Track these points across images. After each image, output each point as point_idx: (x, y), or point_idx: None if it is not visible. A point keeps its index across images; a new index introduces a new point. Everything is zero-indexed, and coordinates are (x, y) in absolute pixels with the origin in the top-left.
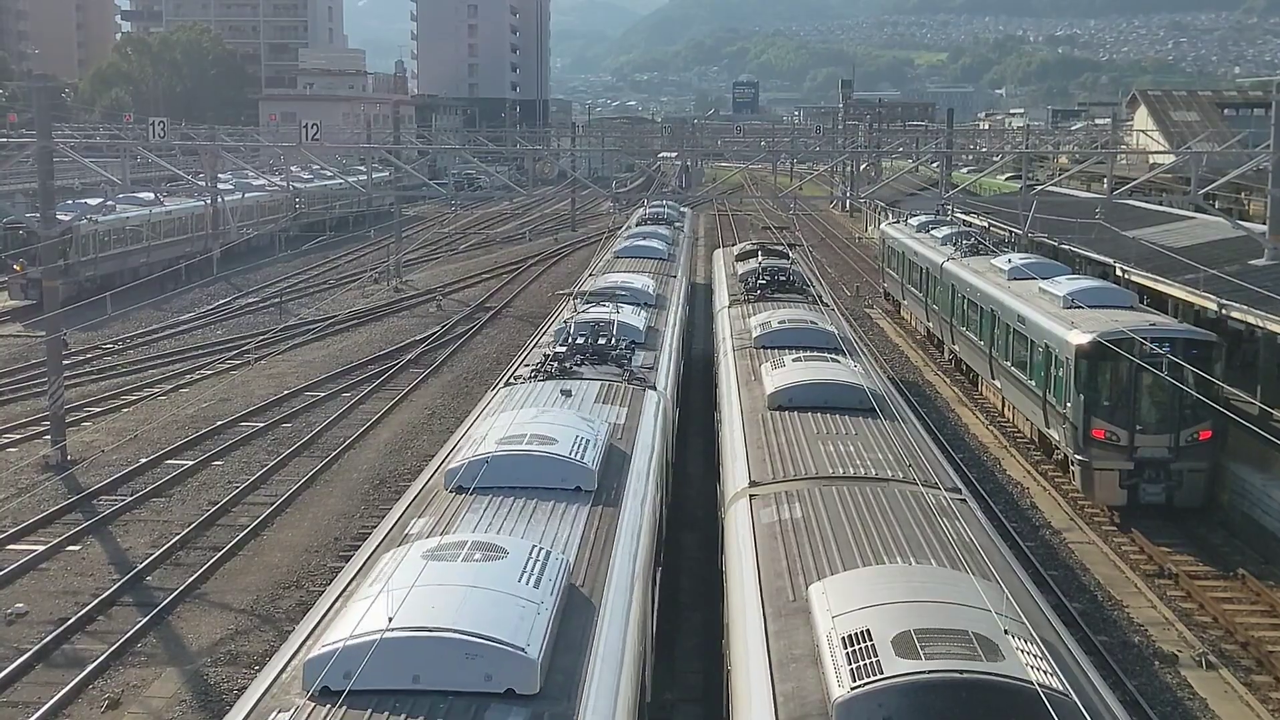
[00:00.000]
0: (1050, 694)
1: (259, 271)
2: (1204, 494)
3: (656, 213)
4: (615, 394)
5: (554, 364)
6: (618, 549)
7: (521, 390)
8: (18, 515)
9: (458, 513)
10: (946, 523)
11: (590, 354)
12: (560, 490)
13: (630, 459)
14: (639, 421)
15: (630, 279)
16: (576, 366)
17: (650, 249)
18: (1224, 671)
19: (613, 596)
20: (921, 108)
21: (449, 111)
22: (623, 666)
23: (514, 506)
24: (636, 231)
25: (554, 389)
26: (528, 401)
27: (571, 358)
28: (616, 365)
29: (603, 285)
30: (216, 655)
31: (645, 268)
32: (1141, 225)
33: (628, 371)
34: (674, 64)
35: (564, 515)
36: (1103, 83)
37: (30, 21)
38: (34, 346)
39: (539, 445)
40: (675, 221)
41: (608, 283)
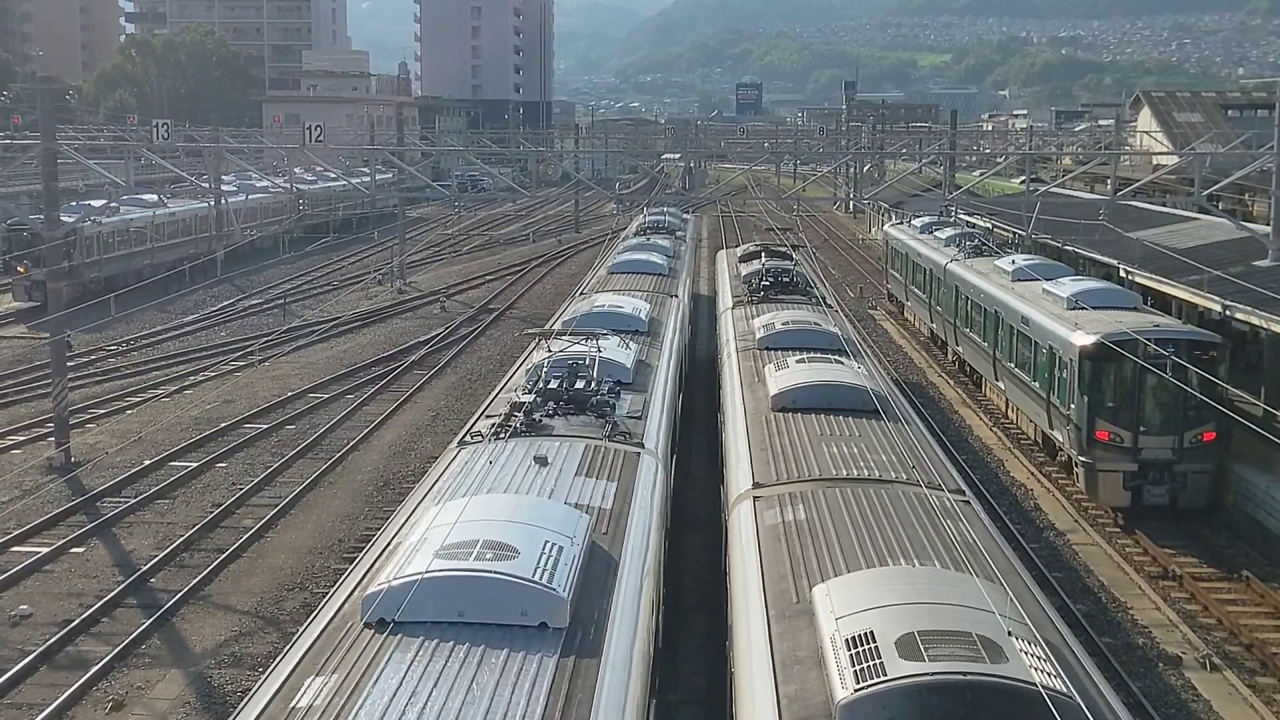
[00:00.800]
0: (1054, 696)
1: (263, 273)
2: (1208, 495)
3: (656, 221)
4: (595, 462)
5: (521, 417)
6: None
7: (480, 454)
8: (22, 517)
9: (374, 662)
10: (950, 524)
11: (565, 402)
12: (519, 629)
13: (615, 574)
14: (627, 505)
15: (620, 302)
16: (549, 418)
17: (648, 264)
18: (1228, 673)
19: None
20: (925, 109)
21: (452, 113)
22: None
23: (453, 654)
24: (634, 243)
25: (520, 454)
26: (482, 478)
27: (543, 407)
28: (597, 416)
29: (587, 311)
30: (220, 657)
31: (641, 286)
32: (1145, 226)
33: (610, 424)
34: (677, 65)
35: (521, 670)
36: (1106, 84)
37: (34, 23)
38: (38, 348)
39: (491, 560)
40: (677, 230)
41: (594, 307)
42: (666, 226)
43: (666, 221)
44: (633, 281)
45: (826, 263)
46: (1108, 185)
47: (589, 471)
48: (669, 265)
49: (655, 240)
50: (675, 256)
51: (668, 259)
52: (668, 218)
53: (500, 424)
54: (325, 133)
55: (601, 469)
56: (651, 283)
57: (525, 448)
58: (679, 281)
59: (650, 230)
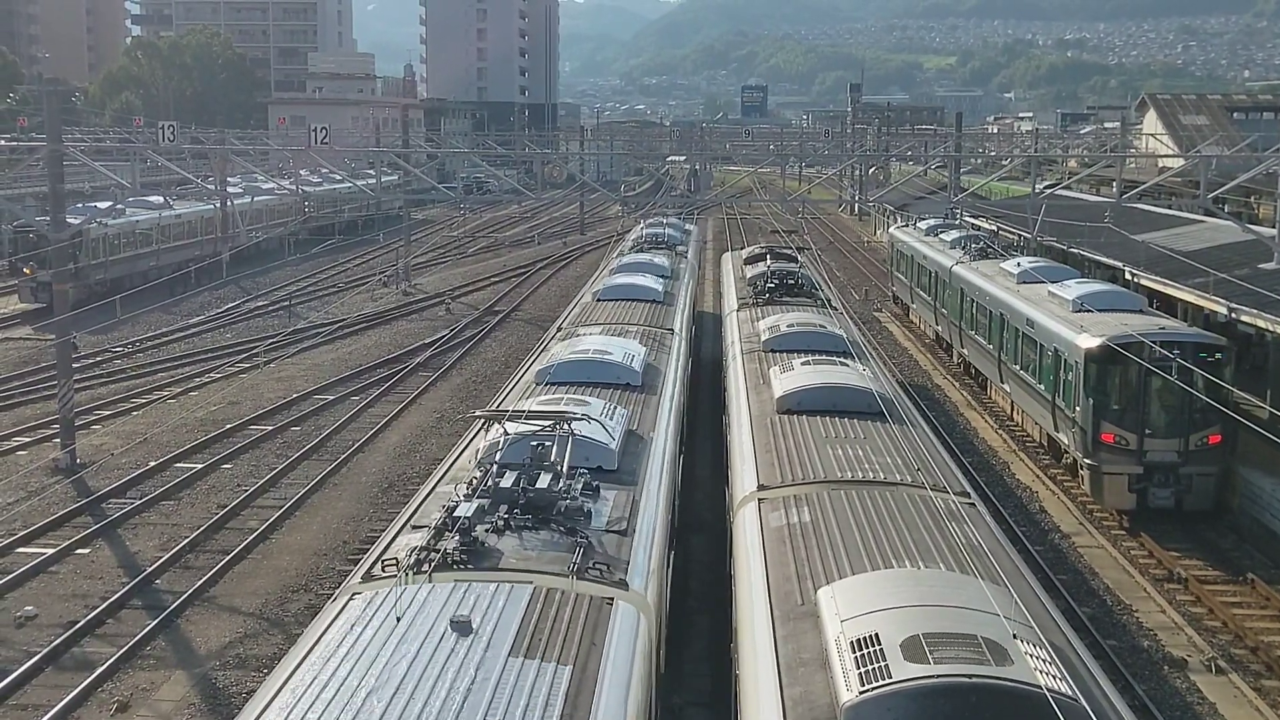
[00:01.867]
0: (1059, 699)
1: (268, 275)
2: (1213, 498)
3: (654, 234)
4: (544, 625)
5: (453, 538)
6: None
7: (377, 608)
8: (27, 518)
9: None
10: (955, 527)
11: (520, 511)
12: None
13: None
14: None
15: (607, 347)
16: (494, 536)
17: (641, 289)
18: (1233, 676)
19: None
20: (930, 111)
21: (458, 115)
22: None
23: None
24: (628, 261)
25: (432, 611)
26: (363, 666)
27: (489, 516)
28: (563, 531)
29: (565, 358)
30: (225, 658)
31: (633, 317)
32: (1151, 229)
33: (580, 547)
34: (683, 68)
35: None
36: (1112, 86)
37: (41, 25)
38: (44, 350)
39: None
40: (678, 244)
41: (573, 353)
42: (666, 240)
43: (666, 235)
44: (623, 312)
45: (832, 265)
46: (1113, 188)
47: (531, 647)
48: (666, 289)
49: (653, 258)
50: (674, 277)
51: (665, 281)
52: (667, 230)
53: (422, 550)
54: (331, 135)
55: (553, 639)
56: (645, 313)
57: (443, 599)
58: (677, 311)
59: (648, 244)
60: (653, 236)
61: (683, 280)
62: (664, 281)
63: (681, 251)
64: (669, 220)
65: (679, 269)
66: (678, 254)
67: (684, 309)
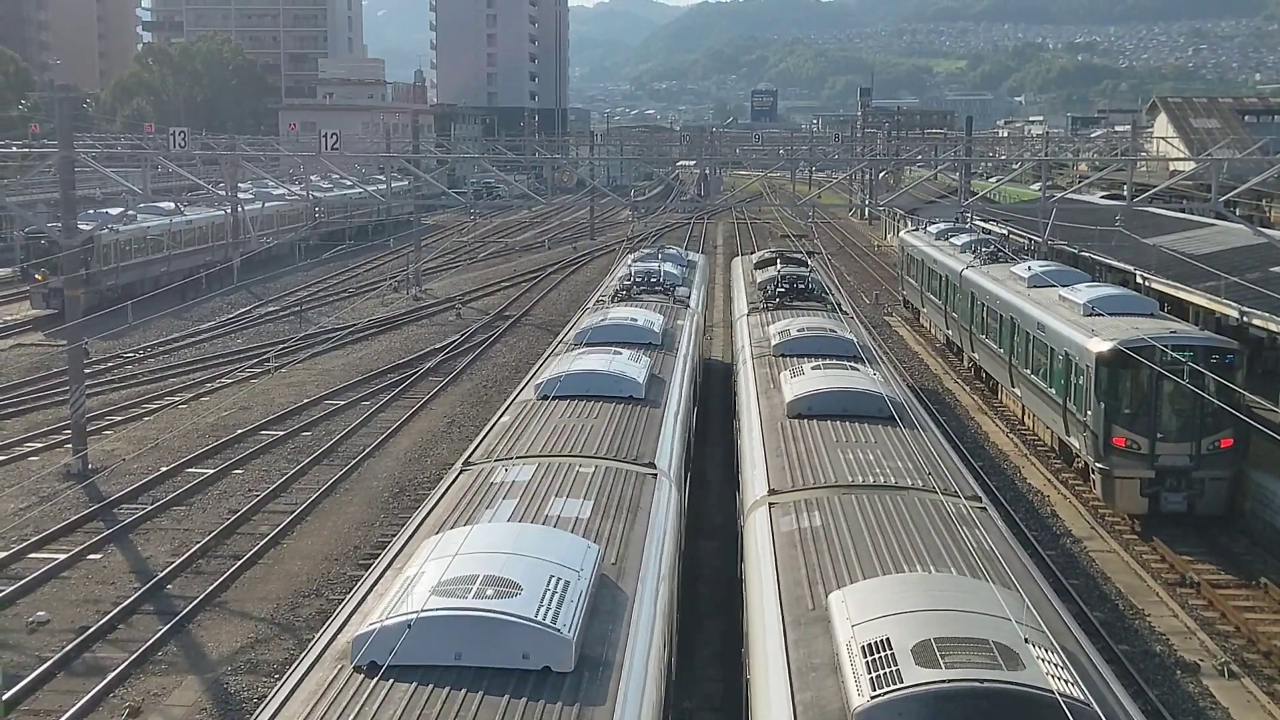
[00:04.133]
0: (1071, 703)
1: (279, 280)
2: (1226, 502)
3: (646, 272)
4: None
5: None
6: None
7: None
8: (39, 524)
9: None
10: (966, 531)
11: None
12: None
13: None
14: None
15: (582, 432)
16: None
17: (611, 379)
18: (1246, 681)
19: None
20: (940, 115)
21: (468, 120)
22: None
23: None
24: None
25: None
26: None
27: None
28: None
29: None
30: (236, 664)
31: (585, 443)
32: (1162, 232)
33: None
34: (693, 72)
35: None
36: (1122, 90)
37: (52, 32)
38: (55, 355)
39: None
40: (676, 285)
41: (471, 548)
42: (661, 281)
43: (661, 272)
44: (573, 429)
45: (842, 269)
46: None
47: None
48: (651, 373)
49: (635, 319)
50: (666, 347)
51: (653, 352)
52: (664, 265)
53: None
54: (341, 140)
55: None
56: (608, 432)
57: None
58: (665, 429)
59: (638, 285)
60: (644, 275)
61: (680, 353)
62: (650, 356)
63: (682, 295)
64: (667, 252)
65: (676, 333)
66: (675, 301)
67: (677, 423)
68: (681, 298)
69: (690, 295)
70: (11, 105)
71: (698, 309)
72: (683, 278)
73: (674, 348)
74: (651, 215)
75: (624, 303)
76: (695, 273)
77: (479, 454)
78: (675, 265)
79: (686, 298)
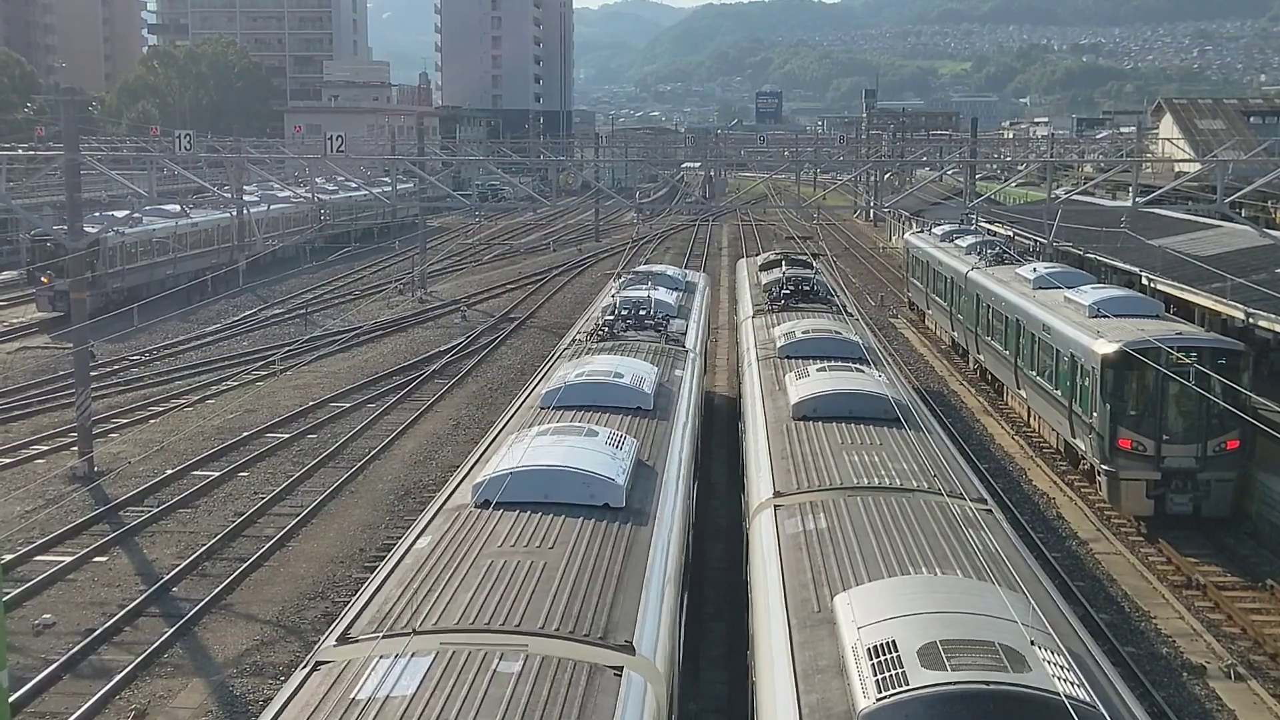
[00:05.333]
0: (1077, 705)
1: (284, 283)
2: (1232, 504)
3: (634, 303)
4: None
5: None
6: None
7: None
8: (45, 526)
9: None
10: (972, 533)
11: None
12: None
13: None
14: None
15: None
16: None
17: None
18: (1253, 683)
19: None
20: (945, 117)
21: (473, 123)
22: None
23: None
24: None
25: None
26: None
27: None
28: None
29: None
30: (242, 666)
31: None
32: (1167, 234)
33: None
34: (697, 74)
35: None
36: (1128, 91)
37: (57, 35)
38: (61, 358)
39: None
40: (670, 317)
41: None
42: (653, 314)
43: (653, 303)
44: (514, 568)
45: (847, 271)
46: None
47: None
48: (633, 465)
49: (621, 369)
50: (659, 414)
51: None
52: (656, 294)
53: None
54: (346, 143)
55: None
56: (568, 585)
57: None
58: (653, 566)
59: (624, 320)
60: (633, 306)
61: (677, 424)
62: (636, 433)
63: (678, 332)
64: (661, 274)
65: (671, 393)
66: (670, 340)
67: (669, 555)
68: (677, 335)
69: (689, 331)
70: (17, 108)
71: (698, 350)
72: (679, 307)
73: (669, 414)
74: (656, 217)
75: (606, 342)
76: (695, 299)
77: (361, 625)
78: (670, 291)
79: (683, 335)
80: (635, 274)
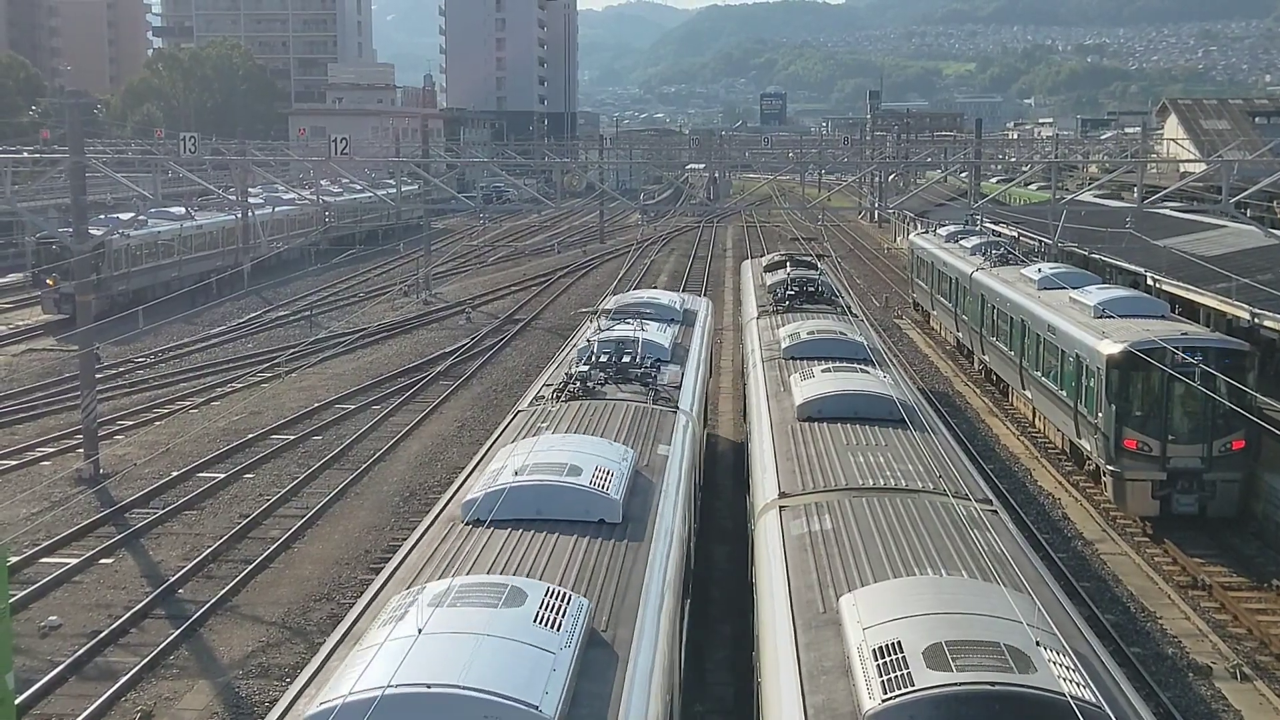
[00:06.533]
0: (1083, 706)
1: (289, 285)
2: (1237, 504)
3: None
4: None
5: None
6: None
7: None
8: (51, 528)
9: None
10: (977, 534)
11: None
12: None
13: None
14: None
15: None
16: None
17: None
18: (1259, 683)
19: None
20: (950, 118)
21: (477, 125)
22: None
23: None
24: (536, 477)
25: None
26: None
27: None
28: None
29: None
30: (248, 668)
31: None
32: (1172, 234)
33: None
34: (701, 76)
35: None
36: (1132, 92)
37: (62, 38)
38: (67, 360)
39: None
40: (663, 360)
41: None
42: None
43: (640, 344)
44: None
45: (852, 272)
46: (1134, 193)
47: None
48: (583, 636)
49: (582, 458)
50: (632, 528)
51: (608, 548)
52: (645, 334)
53: None
54: (351, 145)
55: None
56: None
57: None
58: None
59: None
60: (613, 352)
61: (659, 543)
62: (604, 559)
63: (670, 385)
64: (654, 304)
65: (653, 488)
66: (659, 399)
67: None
68: (669, 389)
69: (685, 381)
70: (23, 111)
71: (696, 409)
72: (674, 346)
73: (643, 530)
74: (661, 219)
75: (577, 401)
76: (694, 334)
77: None
78: (663, 325)
79: (677, 389)
80: (620, 307)
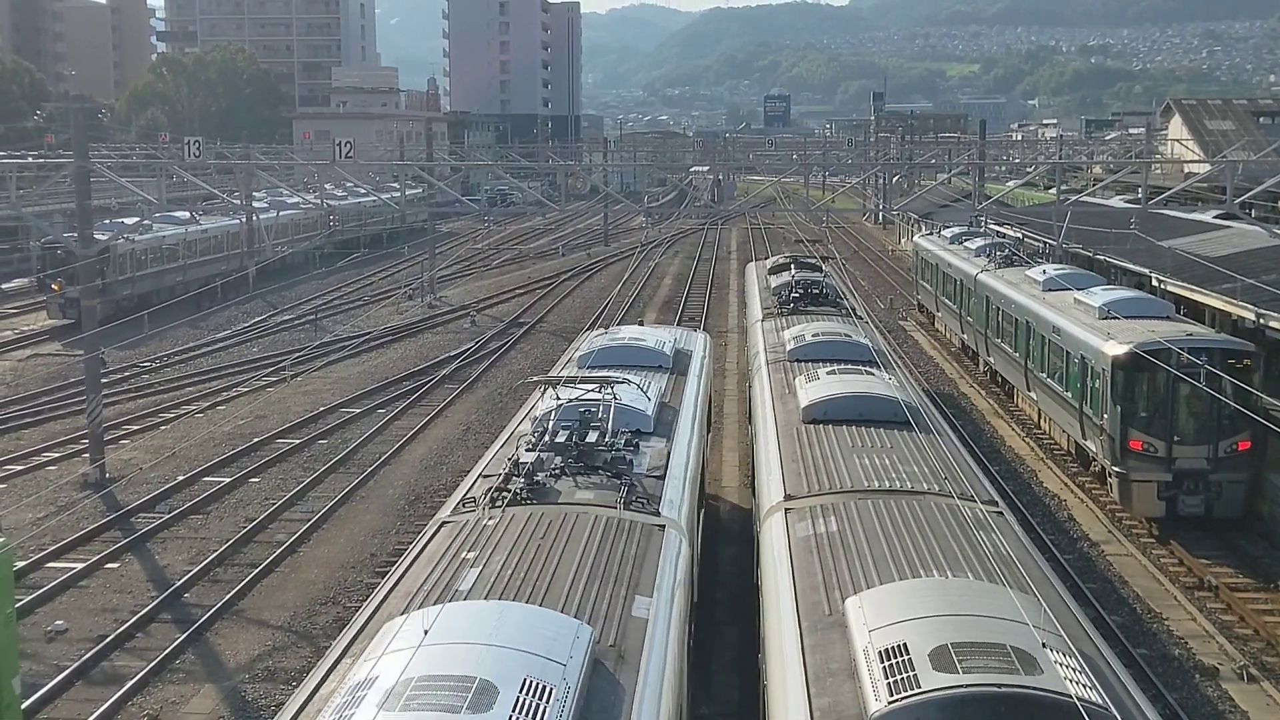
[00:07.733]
0: (1089, 708)
1: (294, 289)
2: (1243, 505)
3: (581, 416)
4: None
5: None
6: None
7: None
8: (57, 533)
9: None
10: (983, 536)
11: None
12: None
13: None
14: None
15: None
16: None
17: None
18: (1265, 684)
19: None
20: (954, 119)
21: (481, 128)
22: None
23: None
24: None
25: None
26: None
27: None
28: None
29: None
30: (254, 672)
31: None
32: (1177, 235)
33: None
34: (705, 78)
35: None
36: (1136, 92)
37: (67, 43)
38: (72, 365)
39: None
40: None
41: None
42: (608, 444)
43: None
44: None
45: (856, 274)
46: (1139, 194)
47: None
48: None
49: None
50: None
51: None
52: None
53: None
54: (355, 149)
55: None
56: None
57: None
58: None
59: (559, 454)
60: (574, 425)
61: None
62: None
63: (653, 471)
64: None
65: (632, 647)
66: (639, 496)
67: None
68: (650, 481)
69: (672, 464)
70: (27, 116)
71: (687, 518)
72: (659, 409)
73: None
74: (665, 221)
75: (517, 508)
76: (688, 387)
77: None
78: (647, 376)
79: (660, 478)
80: (596, 351)
